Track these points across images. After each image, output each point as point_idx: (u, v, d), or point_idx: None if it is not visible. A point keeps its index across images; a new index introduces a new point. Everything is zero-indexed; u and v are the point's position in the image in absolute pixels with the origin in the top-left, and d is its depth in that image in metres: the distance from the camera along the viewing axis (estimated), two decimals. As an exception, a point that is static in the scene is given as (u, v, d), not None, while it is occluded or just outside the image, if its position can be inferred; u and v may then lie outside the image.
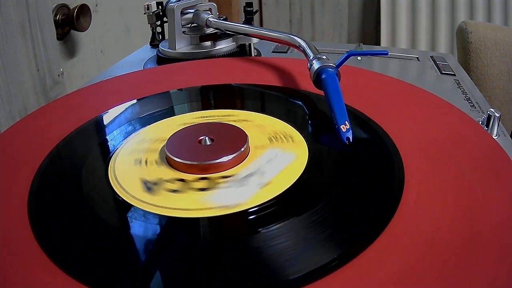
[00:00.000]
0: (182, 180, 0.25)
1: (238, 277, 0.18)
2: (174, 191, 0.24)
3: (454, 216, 0.21)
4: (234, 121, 0.31)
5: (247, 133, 0.28)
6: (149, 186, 0.24)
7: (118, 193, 0.24)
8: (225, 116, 0.32)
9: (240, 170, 0.25)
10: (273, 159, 0.26)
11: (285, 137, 0.29)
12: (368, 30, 1.43)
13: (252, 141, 0.28)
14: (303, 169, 0.25)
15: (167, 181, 0.25)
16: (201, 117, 0.32)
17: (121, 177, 0.25)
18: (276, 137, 0.29)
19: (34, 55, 0.61)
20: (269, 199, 0.23)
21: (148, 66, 0.51)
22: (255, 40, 0.48)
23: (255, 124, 0.31)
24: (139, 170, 0.26)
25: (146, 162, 0.27)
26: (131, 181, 0.25)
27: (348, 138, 0.27)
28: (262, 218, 0.22)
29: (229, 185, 0.24)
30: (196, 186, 0.24)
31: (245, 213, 0.22)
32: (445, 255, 0.18)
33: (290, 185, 0.24)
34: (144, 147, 0.29)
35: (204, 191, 0.24)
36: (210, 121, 0.32)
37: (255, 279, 0.18)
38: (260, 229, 0.21)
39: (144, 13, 0.56)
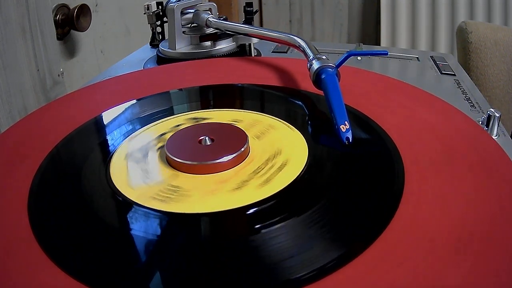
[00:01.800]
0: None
1: (238, 277, 0.18)
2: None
3: (454, 216, 0.21)
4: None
5: (247, 134, 0.28)
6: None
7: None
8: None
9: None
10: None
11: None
12: (368, 30, 1.43)
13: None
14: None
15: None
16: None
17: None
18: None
19: (34, 55, 0.61)
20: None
21: (148, 66, 0.51)
22: (255, 40, 0.48)
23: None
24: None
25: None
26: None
27: (347, 138, 0.27)
28: (262, 218, 0.22)
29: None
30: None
31: (245, 212, 0.22)
32: (445, 255, 0.18)
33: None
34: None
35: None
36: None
37: (255, 279, 0.18)
38: (260, 229, 0.21)
39: (144, 13, 0.56)
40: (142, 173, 0.26)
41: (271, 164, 0.26)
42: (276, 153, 0.27)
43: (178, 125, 0.31)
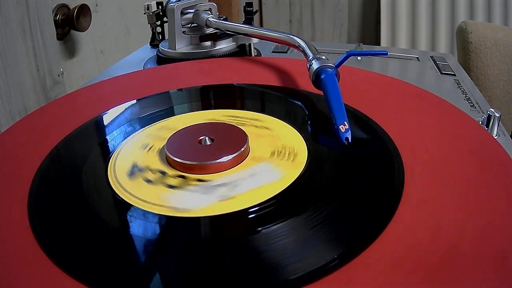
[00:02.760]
0: (163, 172, 0.26)
1: (238, 277, 0.18)
2: (149, 181, 0.25)
3: (455, 216, 0.21)
4: (256, 126, 0.30)
5: (247, 133, 0.28)
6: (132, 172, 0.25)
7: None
8: (252, 119, 0.32)
9: (216, 178, 0.25)
10: (257, 174, 0.25)
11: (288, 154, 0.27)
12: (368, 30, 1.43)
13: (254, 151, 0.27)
14: (273, 195, 0.23)
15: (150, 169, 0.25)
16: (231, 116, 0.32)
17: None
18: (280, 152, 0.27)
19: (34, 55, 0.61)
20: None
21: (148, 66, 0.51)
22: (255, 40, 0.48)
23: (273, 134, 0.29)
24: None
25: (150, 148, 0.27)
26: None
27: (347, 138, 0.27)
28: (262, 218, 0.22)
29: (196, 189, 0.24)
30: (169, 182, 0.25)
31: (245, 212, 0.22)
32: (445, 254, 0.18)
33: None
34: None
35: (172, 189, 0.24)
36: (237, 122, 0.31)
37: (255, 279, 0.18)
38: (260, 229, 0.21)
39: (144, 13, 0.56)
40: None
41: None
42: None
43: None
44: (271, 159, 0.27)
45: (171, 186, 0.24)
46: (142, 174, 0.26)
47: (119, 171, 0.26)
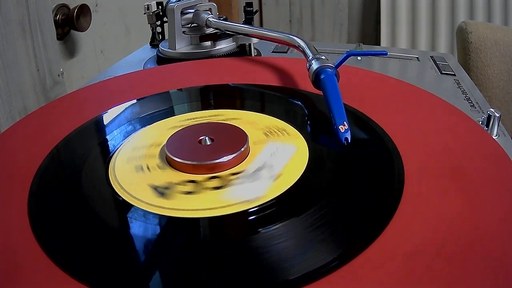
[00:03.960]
0: (193, 181, 0.25)
1: (238, 277, 0.18)
2: (189, 192, 0.24)
3: (454, 216, 0.21)
4: (223, 120, 0.31)
5: (247, 133, 0.28)
6: (161, 191, 0.24)
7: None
8: (212, 116, 0.32)
9: (247, 166, 0.26)
10: (275, 152, 0.27)
11: (279, 131, 0.29)
12: (368, 30, 1.43)
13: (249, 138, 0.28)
14: (307, 161, 0.26)
15: (178, 184, 0.25)
16: (188, 119, 0.32)
17: (125, 180, 0.25)
18: (271, 132, 0.29)
19: (34, 55, 0.61)
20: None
21: (148, 66, 0.51)
22: (255, 40, 0.48)
23: (246, 121, 0.31)
24: (143, 176, 0.26)
25: (148, 167, 0.27)
26: (140, 188, 0.25)
27: (346, 139, 0.27)
28: (262, 219, 0.22)
29: (242, 181, 0.24)
30: (209, 185, 0.24)
31: (245, 213, 0.22)
32: (445, 254, 0.18)
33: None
34: (142, 152, 0.29)
35: (219, 189, 0.24)
36: (198, 122, 0.31)
37: (255, 279, 0.18)
38: (260, 229, 0.21)
39: (144, 13, 0.56)
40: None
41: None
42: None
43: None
44: (271, 138, 0.28)
45: (216, 188, 0.24)
46: (174, 190, 0.24)
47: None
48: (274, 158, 0.26)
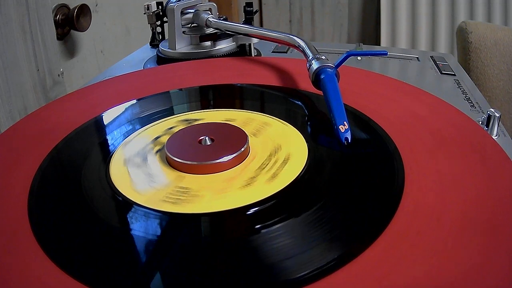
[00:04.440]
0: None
1: (238, 276, 0.18)
2: (189, 192, 0.24)
3: (454, 216, 0.21)
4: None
5: (247, 133, 0.28)
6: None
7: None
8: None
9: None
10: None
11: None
12: (368, 30, 1.43)
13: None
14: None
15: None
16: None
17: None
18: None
19: (34, 55, 0.61)
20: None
21: (148, 66, 0.51)
22: (255, 40, 0.48)
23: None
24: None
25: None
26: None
27: (346, 139, 0.27)
28: (262, 218, 0.22)
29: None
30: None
31: (244, 213, 0.22)
32: (445, 255, 0.18)
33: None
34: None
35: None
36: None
37: (255, 279, 0.18)
38: (260, 229, 0.21)
39: (144, 13, 0.56)
40: (145, 176, 0.26)
41: (275, 159, 0.26)
42: (277, 148, 0.27)
43: (171, 128, 0.31)
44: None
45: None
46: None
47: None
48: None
